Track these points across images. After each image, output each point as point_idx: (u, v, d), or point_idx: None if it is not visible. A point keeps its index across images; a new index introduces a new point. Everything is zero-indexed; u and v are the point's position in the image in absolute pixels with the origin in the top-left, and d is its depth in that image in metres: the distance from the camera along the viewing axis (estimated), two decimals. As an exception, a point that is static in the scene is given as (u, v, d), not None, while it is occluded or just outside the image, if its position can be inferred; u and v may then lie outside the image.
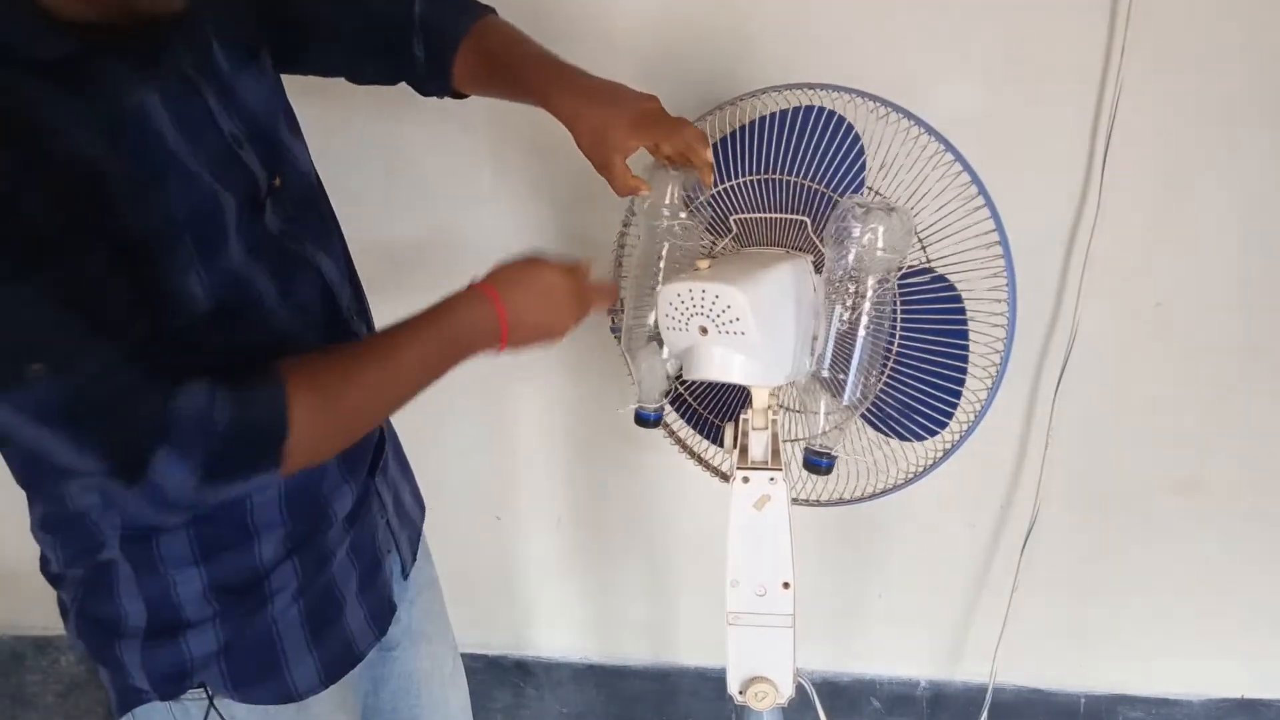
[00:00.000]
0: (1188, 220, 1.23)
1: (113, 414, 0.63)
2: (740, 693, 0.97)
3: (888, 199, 0.98)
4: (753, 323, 0.84)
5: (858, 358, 0.91)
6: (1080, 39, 1.15)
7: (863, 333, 0.91)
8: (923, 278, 0.98)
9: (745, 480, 0.91)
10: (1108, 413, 1.36)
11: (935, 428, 1.00)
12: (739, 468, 0.92)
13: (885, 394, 0.99)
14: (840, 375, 0.92)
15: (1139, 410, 1.35)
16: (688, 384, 1.11)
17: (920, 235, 0.98)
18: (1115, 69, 1.14)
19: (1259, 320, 1.28)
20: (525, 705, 1.78)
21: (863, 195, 0.98)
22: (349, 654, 0.90)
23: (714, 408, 1.11)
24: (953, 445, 1.03)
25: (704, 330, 0.86)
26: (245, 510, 0.81)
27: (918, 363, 0.98)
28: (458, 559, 1.34)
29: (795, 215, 1.00)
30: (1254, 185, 1.20)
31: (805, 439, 1.05)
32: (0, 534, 1.27)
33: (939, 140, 0.97)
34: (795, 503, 0.94)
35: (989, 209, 0.96)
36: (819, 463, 0.93)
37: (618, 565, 1.63)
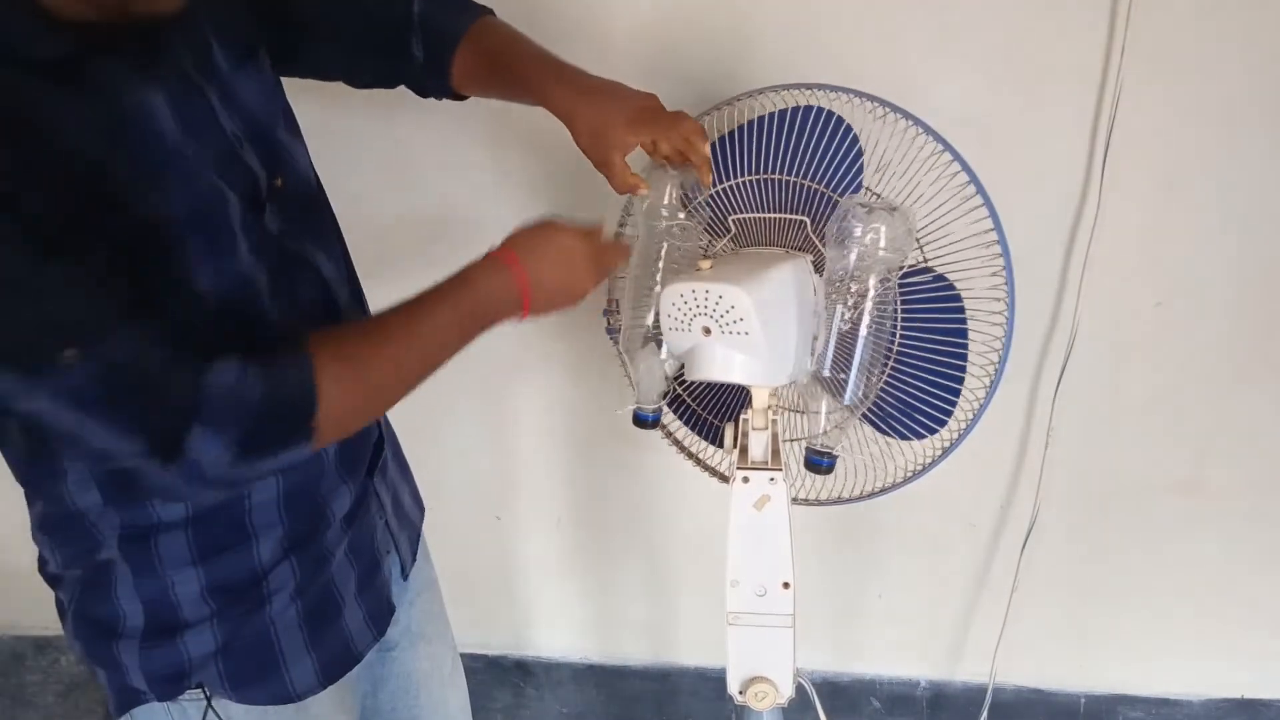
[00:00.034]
0: (1188, 220, 1.23)
1: (146, 394, 0.64)
2: (740, 693, 0.97)
3: (885, 199, 0.98)
4: (756, 323, 0.84)
5: (859, 357, 0.91)
6: (1080, 39, 1.15)
7: (864, 332, 0.91)
8: (922, 277, 0.98)
9: (745, 480, 0.91)
10: (1108, 413, 1.36)
11: (935, 426, 1.01)
12: (739, 468, 0.92)
13: (885, 393, 0.99)
14: (841, 375, 0.92)
15: (1139, 410, 1.35)
16: (686, 385, 1.11)
17: (919, 235, 0.98)
18: (1115, 69, 1.14)
19: (1259, 320, 1.28)
20: (525, 705, 1.78)
21: (860, 195, 0.98)
22: (347, 654, 0.90)
23: (713, 408, 1.11)
24: (952, 443, 1.03)
25: (707, 331, 0.86)
26: (244, 510, 0.81)
27: (917, 362, 0.98)
28: (457, 559, 1.34)
29: (795, 215, 1.00)
30: (1254, 185, 1.20)
31: (806, 438, 1.05)
32: (0, 534, 1.27)
33: (936, 139, 0.97)
34: (795, 502, 0.94)
35: (987, 208, 0.96)
36: (820, 462, 0.93)
37: (618, 565, 1.63)
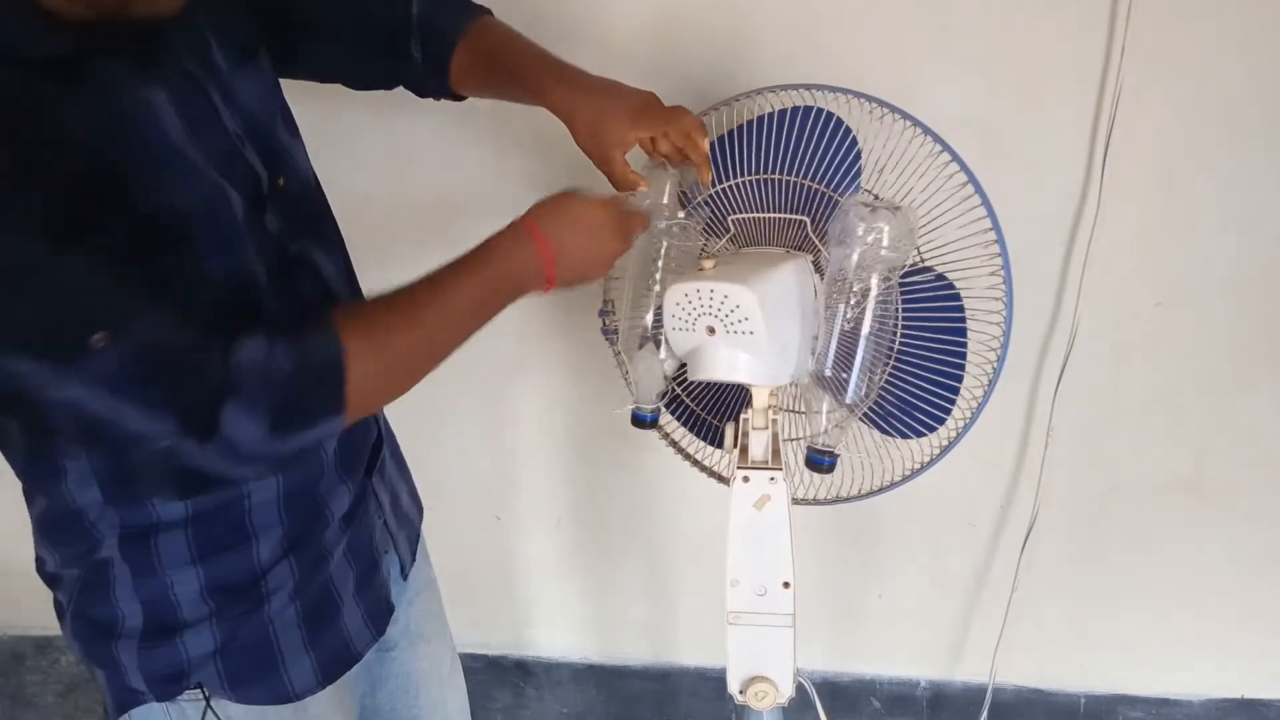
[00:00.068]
0: (1188, 220, 1.23)
1: (178, 374, 0.64)
2: (740, 692, 0.97)
3: (883, 199, 0.98)
4: (762, 322, 0.85)
5: (861, 356, 0.91)
6: (1080, 39, 1.15)
7: (866, 331, 0.91)
8: (922, 276, 0.99)
9: (745, 480, 0.91)
10: (1107, 413, 1.36)
11: (935, 424, 1.01)
12: (739, 467, 0.92)
13: (885, 392, 0.99)
14: (843, 374, 0.92)
15: (1139, 410, 1.35)
16: (685, 385, 1.11)
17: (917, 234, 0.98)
18: (1115, 69, 1.14)
19: (1259, 320, 1.28)
20: (525, 705, 1.78)
21: (858, 195, 0.98)
22: (346, 654, 0.90)
23: (712, 408, 1.11)
24: (951, 442, 1.03)
25: (711, 330, 0.86)
26: (244, 510, 0.81)
27: (917, 361, 0.98)
28: (457, 559, 1.34)
29: (795, 215, 1.00)
30: (1254, 185, 1.20)
31: (806, 438, 1.05)
32: (0, 534, 1.27)
33: (934, 139, 0.97)
34: (794, 502, 0.94)
35: (985, 207, 0.97)
36: (821, 461, 0.93)
37: (618, 565, 1.63)
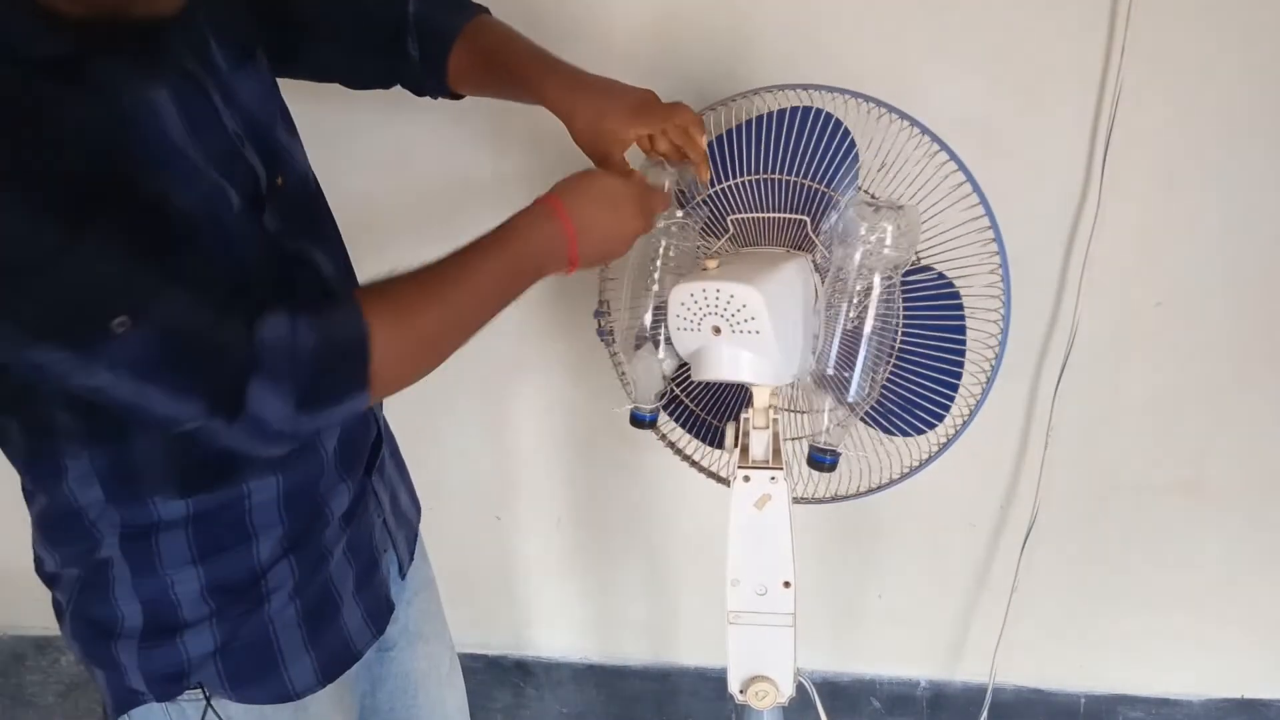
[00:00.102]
0: (1188, 220, 1.23)
1: (202, 354, 0.64)
2: (741, 692, 0.97)
3: (887, 199, 0.99)
4: (768, 321, 0.85)
5: (863, 355, 0.91)
6: (1080, 39, 1.15)
7: (868, 330, 0.91)
8: (922, 275, 0.99)
9: (746, 479, 0.91)
10: (1107, 412, 1.36)
11: (934, 422, 1.01)
12: (740, 466, 0.92)
13: (884, 390, 0.99)
14: (845, 373, 0.92)
15: (1139, 410, 1.35)
16: (684, 385, 1.11)
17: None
18: (1115, 69, 1.14)
19: (1259, 320, 1.28)
20: (525, 705, 1.78)
21: (859, 195, 0.99)
22: (346, 653, 0.90)
23: (711, 408, 1.11)
24: (949, 439, 1.03)
25: (717, 330, 0.86)
26: (244, 510, 0.81)
27: (917, 359, 0.98)
28: (457, 559, 1.34)
29: (795, 215, 1.00)
30: (1254, 185, 1.20)
31: (808, 436, 1.05)
32: (0, 534, 1.27)
33: (932, 139, 0.97)
34: (793, 501, 0.95)
35: (983, 206, 0.97)
36: (823, 460, 0.93)
37: (618, 565, 1.63)
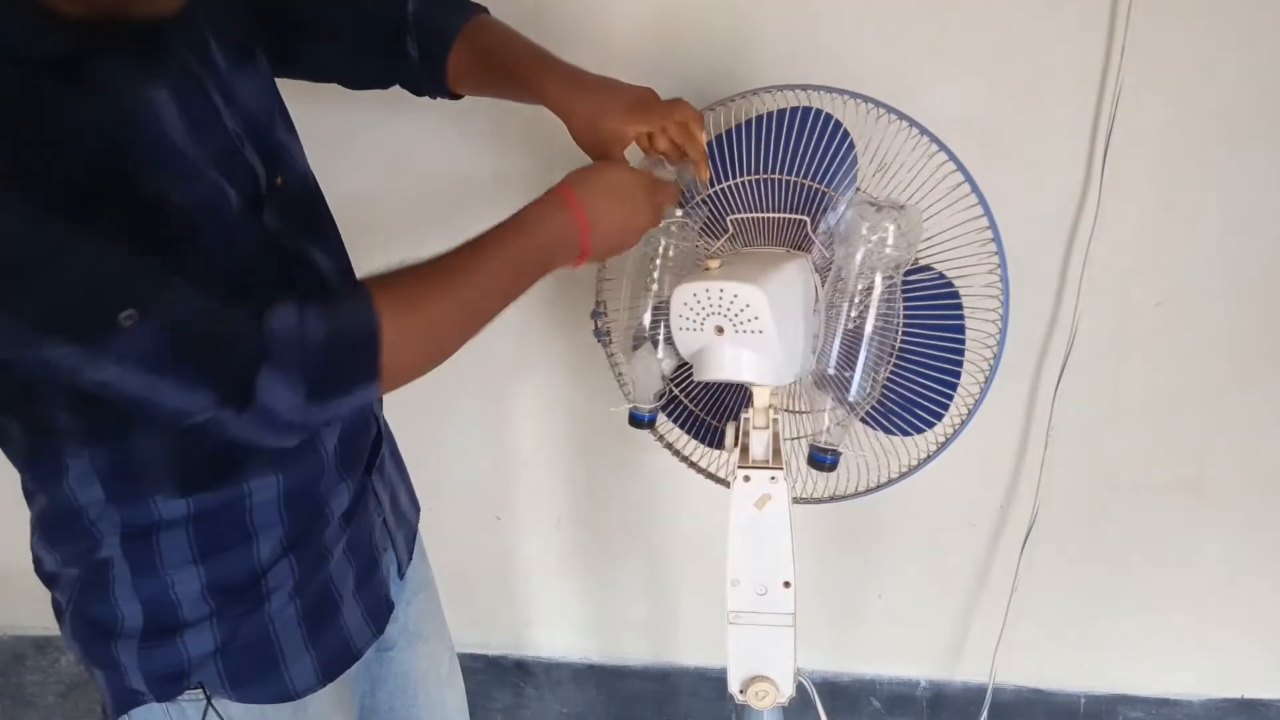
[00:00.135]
0: (1187, 220, 1.23)
1: (211, 345, 0.64)
2: (741, 692, 0.97)
3: (881, 198, 0.99)
4: (771, 321, 0.85)
5: (865, 355, 0.91)
6: (1080, 39, 1.15)
7: (870, 330, 0.91)
8: (922, 275, 0.99)
9: (746, 479, 0.91)
10: (1107, 412, 1.36)
11: (933, 421, 1.01)
12: (740, 466, 0.92)
13: (884, 389, 0.99)
14: (846, 373, 0.92)
15: (1139, 410, 1.35)
16: (683, 385, 1.11)
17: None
18: (1115, 69, 1.14)
19: (1259, 320, 1.28)
20: (525, 705, 1.78)
21: (859, 195, 0.99)
22: (347, 652, 0.90)
23: (711, 409, 1.11)
24: (948, 439, 1.03)
25: (720, 330, 0.86)
26: (244, 510, 0.81)
27: (917, 358, 0.98)
28: (457, 559, 1.34)
29: (795, 215, 1.00)
30: (1254, 185, 1.20)
31: (808, 436, 1.05)
32: (0, 534, 1.27)
33: (931, 139, 0.97)
34: (794, 501, 0.95)
35: (981, 205, 0.97)
36: (824, 459, 0.94)
37: (618, 565, 1.63)
